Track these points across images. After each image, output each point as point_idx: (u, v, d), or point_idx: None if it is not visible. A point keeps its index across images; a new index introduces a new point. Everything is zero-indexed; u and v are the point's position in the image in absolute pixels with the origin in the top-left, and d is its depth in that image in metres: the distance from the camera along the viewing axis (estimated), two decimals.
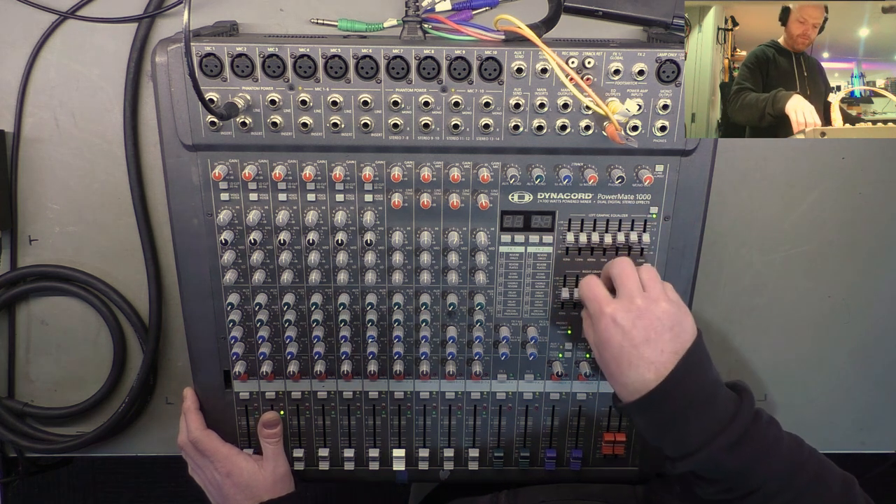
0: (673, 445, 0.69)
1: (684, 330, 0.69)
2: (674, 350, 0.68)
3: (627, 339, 0.69)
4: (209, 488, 0.86)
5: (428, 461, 0.89)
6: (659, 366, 0.67)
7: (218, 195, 0.76)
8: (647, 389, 0.67)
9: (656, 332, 0.68)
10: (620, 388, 0.70)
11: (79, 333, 0.96)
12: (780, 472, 0.67)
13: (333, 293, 0.81)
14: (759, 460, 0.66)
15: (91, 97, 0.87)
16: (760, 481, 0.67)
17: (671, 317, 0.69)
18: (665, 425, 0.68)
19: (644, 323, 0.69)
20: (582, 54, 0.71)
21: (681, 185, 0.77)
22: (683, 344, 0.68)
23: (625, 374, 0.69)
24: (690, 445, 0.67)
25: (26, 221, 0.91)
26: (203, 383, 0.85)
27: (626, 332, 0.69)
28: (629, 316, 0.69)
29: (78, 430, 0.98)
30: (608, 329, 0.70)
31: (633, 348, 0.68)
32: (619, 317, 0.69)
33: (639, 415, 0.70)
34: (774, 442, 0.68)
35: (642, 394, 0.68)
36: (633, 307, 0.70)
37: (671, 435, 0.68)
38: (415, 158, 0.76)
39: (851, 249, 0.95)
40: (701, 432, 0.66)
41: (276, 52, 0.70)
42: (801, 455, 0.68)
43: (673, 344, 0.68)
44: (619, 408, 0.73)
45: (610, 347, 0.70)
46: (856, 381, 1.02)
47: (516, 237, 0.80)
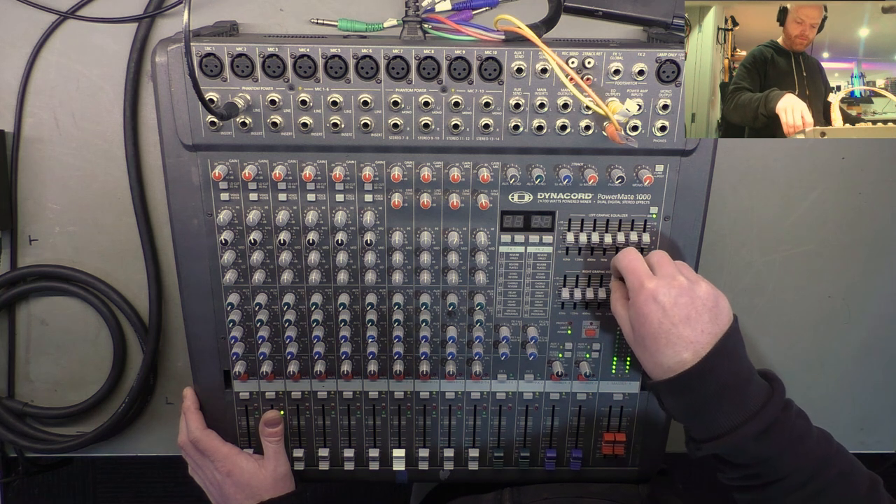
0: (701, 427, 0.68)
1: (722, 312, 0.69)
2: (712, 332, 0.67)
3: (667, 316, 0.67)
4: (209, 488, 0.86)
5: (428, 461, 0.89)
6: (697, 346, 0.66)
7: (218, 195, 0.76)
8: (683, 369, 0.67)
9: (697, 311, 0.67)
10: (654, 366, 0.69)
11: (79, 333, 0.96)
12: (807, 464, 0.66)
13: (333, 293, 0.81)
14: (786, 450, 0.66)
15: (91, 97, 0.87)
16: (786, 471, 0.66)
17: (711, 297, 0.68)
18: (696, 407, 0.68)
19: (685, 301, 0.68)
20: (582, 54, 0.71)
21: (681, 185, 0.77)
22: (721, 326, 0.68)
23: (661, 351, 0.68)
24: (718, 429, 0.66)
25: (26, 221, 0.91)
26: (203, 383, 0.85)
27: (667, 310, 0.68)
28: (671, 293, 0.68)
29: (78, 430, 0.98)
30: (647, 304, 0.69)
31: (673, 326, 0.67)
32: (661, 292, 0.68)
33: (670, 394, 0.69)
34: (803, 434, 0.67)
35: (676, 373, 0.67)
36: (675, 284, 0.68)
37: (700, 417, 0.68)
38: (415, 158, 0.76)
39: (851, 249, 0.95)
40: (730, 417, 0.66)
41: (276, 52, 0.70)
42: (829, 450, 0.68)
43: (712, 325, 0.67)
44: (649, 385, 0.72)
45: (648, 324, 0.69)
46: (856, 381, 1.02)
47: (516, 237, 0.79)
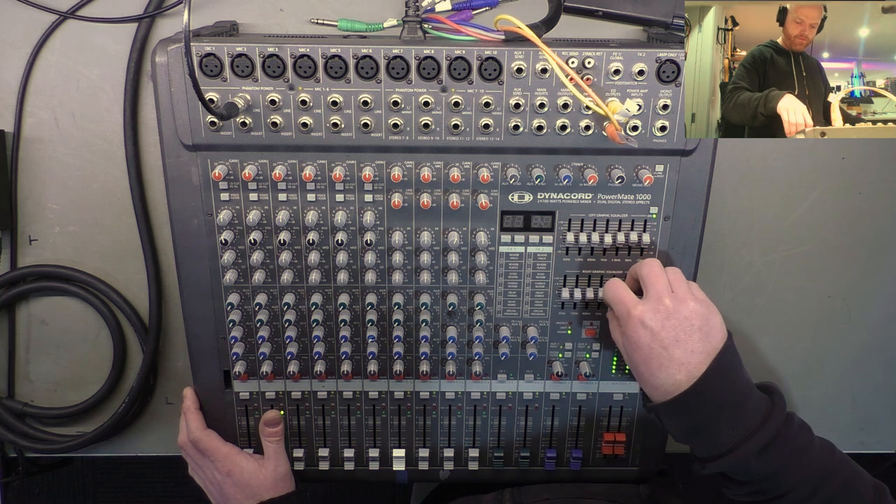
0: (703, 447, 0.68)
1: (713, 329, 0.68)
2: (705, 351, 0.67)
3: (657, 340, 0.67)
4: (209, 488, 0.86)
5: (428, 461, 0.89)
6: (690, 367, 0.66)
7: (218, 195, 0.76)
8: (679, 391, 0.66)
9: (685, 332, 0.67)
10: (651, 389, 0.70)
11: (79, 333, 0.96)
12: (811, 476, 0.66)
13: (333, 293, 0.81)
14: (790, 464, 0.66)
15: (91, 97, 0.87)
16: (790, 485, 0.66)
17: (699, 316, 0.68)
18: (695, 427, 0.68)
19: (672, 323, 0.67)
20: (582, 54, 0.71)
21: (681, 185, 0.77)
22: (714, 345, 0.67)
23: (655, 375, 0.68)
24: (720, 448, 0.66)
25: (26, 221, 0.91)
26: (203, 383, 0.85)
27: (656, 334, 0.68)
28: (658, 317, 0.68)
29: (78, 430, 0.98)
30: (636, 331, 0.69)
31: (663, 350, 0.67)
32: (647, 318, 0.68)
33: (669, 416, 0.69)
34: (805, 447, 0.67)
35: (673, 395, 0.67)
36: (661, 308, 0.68)
37: (701, 437, 0.68)
38: (415, 158, 0.76)
39: (851, 249, 0.95)
40: (731, 435, 0.66)
41: (276, 52, 0.70)
42: (832, 461, 0.68)
43: (703, 344, 0.67)
44: (648, 408, 0.72)
45: (639, 349, 0.69)
46: (856, 381, 1.02)
47: (516, 237, 0.79)
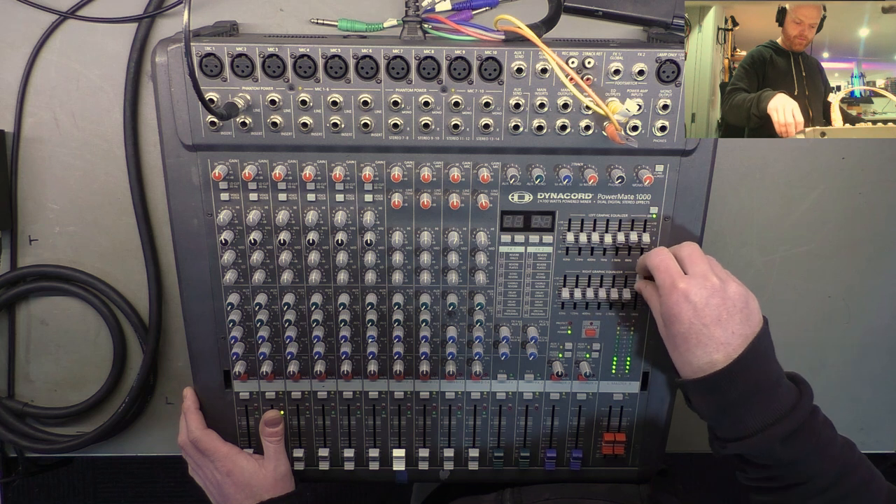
0: (728, 427, 0.69)
1: (753, 313, 0.69)
2: (744, 334, 0.67)
3: (698, 316, 0.67)
4: (209, 488, 0.86)
5: (428, 461, 0.89)
6: (728, 348, 0.67)
7: (218, 195, 0.76)
8: (714, 370, 0.67)
9: (728, 312, 0.67)
10: (683, 364, 0.70)
11: (79, 333, 0.96)
12: (830, 470, 0.67)
13: (333, 293, 0.81)
14: (811, 455, 0.66)
15: (91, 97, 0.87)
16: (808, 476, 0.67)
17: (742, 298, 0.68)
18: (724, 407, 0.68)
19: (717, 302, 0.67)
20: (582, 54, 0.71)
21: (681, 185, 0.77)
22: (753, 329, 0.68)
23: (692, 351, 0.68)
24: (746, 430, 0.67)
25: (26, 221, 0.91)
26: (203, 383, 0.85)
27: (699, 310, 0.68)
28: (703, 293, 0.68)
29: (78, 430, 0.98)
30: (679, 304, 0.68)
31: (703, 327, 0.67)
32: (692, 293, 0.68)
33: (699, 394, 0.69)
34: (828, 441, 0.68)
35: (707, 373, 0.67)
36: (707, 284, 0.68)
37: (728, 417, 0.68)
38: (415, 158, 0.76)
39: (851, 249, 0.95)
40: (759, 419, 0.66)
41: (276, 52, 0.70)
42: (851, 458, 0.68)
43: (743, 327, 0.67)
44: (678, 383, 0.72)
45: (679, 323, 0.69)
46: (856, 381, 1.02)
47: (516, 237, 0.79)
